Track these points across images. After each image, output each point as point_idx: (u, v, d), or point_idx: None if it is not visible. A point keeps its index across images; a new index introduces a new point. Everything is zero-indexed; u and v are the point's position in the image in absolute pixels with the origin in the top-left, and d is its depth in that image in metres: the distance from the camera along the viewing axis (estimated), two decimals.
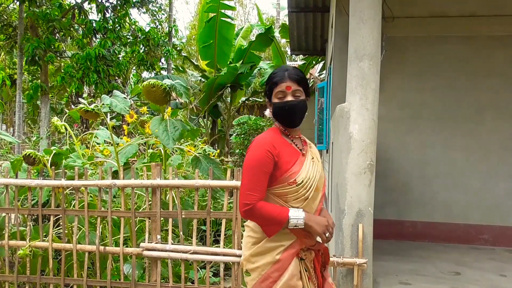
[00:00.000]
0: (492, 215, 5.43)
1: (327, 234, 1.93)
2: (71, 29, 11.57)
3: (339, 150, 3.35)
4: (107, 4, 10.90)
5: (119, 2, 10.85)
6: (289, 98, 1.92)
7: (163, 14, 14.34)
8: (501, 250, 5.25)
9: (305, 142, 2.07)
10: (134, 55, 12.26)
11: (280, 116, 1.97)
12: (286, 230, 1.90)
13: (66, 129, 4.10)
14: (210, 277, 3.51)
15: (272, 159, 1.87)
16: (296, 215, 1.86)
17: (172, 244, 3.45)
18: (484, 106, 5.50)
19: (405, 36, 5.53)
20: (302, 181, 1.88)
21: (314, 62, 12.29)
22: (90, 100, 3.88)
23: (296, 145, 1.99)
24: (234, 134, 10.55)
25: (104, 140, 4.89)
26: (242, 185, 1.89)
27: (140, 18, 78.31)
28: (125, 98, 3.86)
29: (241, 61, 11.43)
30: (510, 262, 4.75)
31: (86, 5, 11.41)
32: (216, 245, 3.75)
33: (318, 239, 2.00)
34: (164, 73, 13.43)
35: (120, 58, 11.60)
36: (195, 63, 14.42)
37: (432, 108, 5.57)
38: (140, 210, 3.72)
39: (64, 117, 6.56)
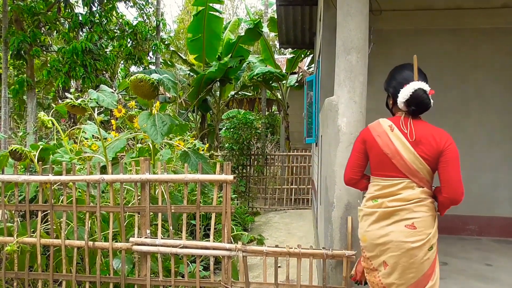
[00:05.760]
0: (478, 206, 5.52)
1: None
2: (57, 22, 11.38)
3: (328, 143, 3.36)
4: None
5: None
6: None
7: (151, 8, 14.17)
8: (487, 240, 5.35)
9: None
10: (122, 49, 12.10)
11: None
12: None
13: (53, 124, 4.05)
14: (200, 271, 3.52)
15: None
16: None
17: (161, 238, 3.44)
18: (470, 98, 5.57)
19: (392, 29, 5.56)
20: None
21: (303, 56, 12.28)
22: (77, 94, 3.83)
23: None
24: (224, 129, 10.51)
25: (92, 135, 4.84)
26: None
27: (128, 12, 77.47)
28: (112, 92, 3.82)
29: (230, 55, 11.38)
30: (496, 252, 4.84)
31: None
32: (206, 239, 3.75)
33: None
34: (152, 67, 13.31)
35: (107, 52, 11.45)
36: (184, 57, 14.32)
37: None
38: (129, 205, 3.70)
39: (51, 112, 6.47)
